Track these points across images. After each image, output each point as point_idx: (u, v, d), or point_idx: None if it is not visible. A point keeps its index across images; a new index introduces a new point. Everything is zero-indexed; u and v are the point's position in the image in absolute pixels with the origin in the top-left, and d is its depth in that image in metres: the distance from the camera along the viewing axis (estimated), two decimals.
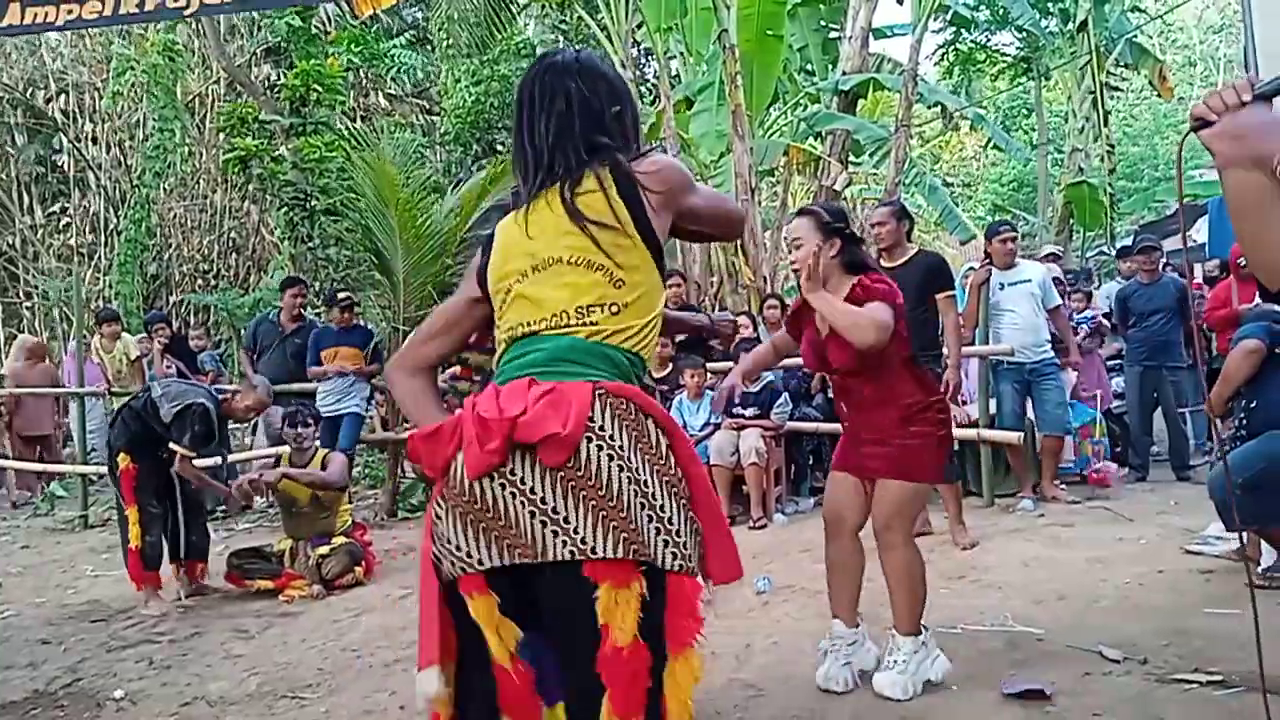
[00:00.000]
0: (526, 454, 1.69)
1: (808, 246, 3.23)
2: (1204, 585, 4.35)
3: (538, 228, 1.89)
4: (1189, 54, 31.24)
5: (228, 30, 15.00)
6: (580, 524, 1.67)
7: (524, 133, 1.96)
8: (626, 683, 1.69)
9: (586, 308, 1.82)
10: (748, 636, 4.02)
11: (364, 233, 8.57)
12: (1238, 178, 1.49)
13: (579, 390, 1.72)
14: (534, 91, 1.96)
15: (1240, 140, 1.47)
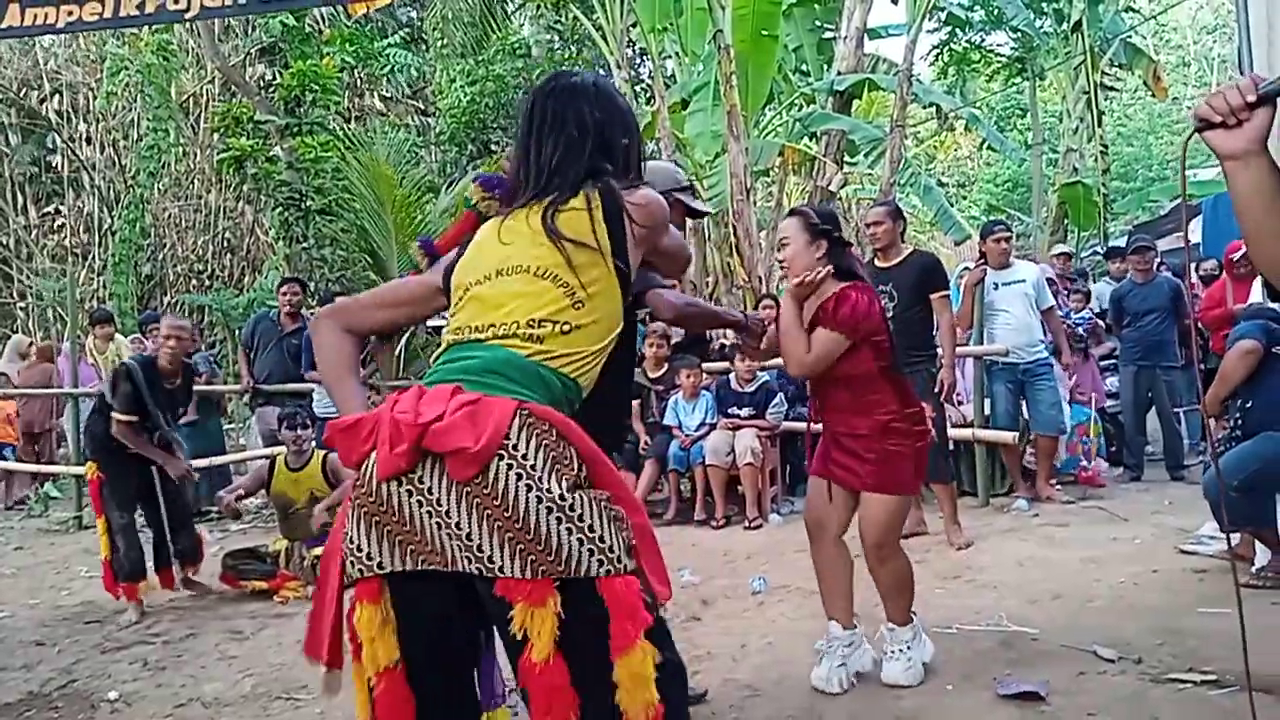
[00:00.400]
0: (436, 463, 1.63)
1: (794, 246, 3.27)
2: (1198, 585, 4.36)
3: (512, 234, 1.87)
4: (1183, 54, 31.31)
5: (222, 30, 14.98)
6: (485, 542, 1.60)
7: (530, 147, 1.94)
8: (545, 696, 1.63)
9: (538, 321, 1.77)
10: (743, 637, 4.02)
11: (359, 233, 8.57)
12: (1246, 174, 1.48)
13: (501, 406, 1.64)
14: (547, 108, 1.95)
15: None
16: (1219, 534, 4.81)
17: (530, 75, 12.52)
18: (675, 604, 4.57)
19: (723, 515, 6.52)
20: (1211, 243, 8.59)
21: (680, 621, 4.32)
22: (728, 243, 9.96)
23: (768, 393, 6.75)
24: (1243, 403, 4.26)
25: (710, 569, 5.21)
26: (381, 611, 1.69)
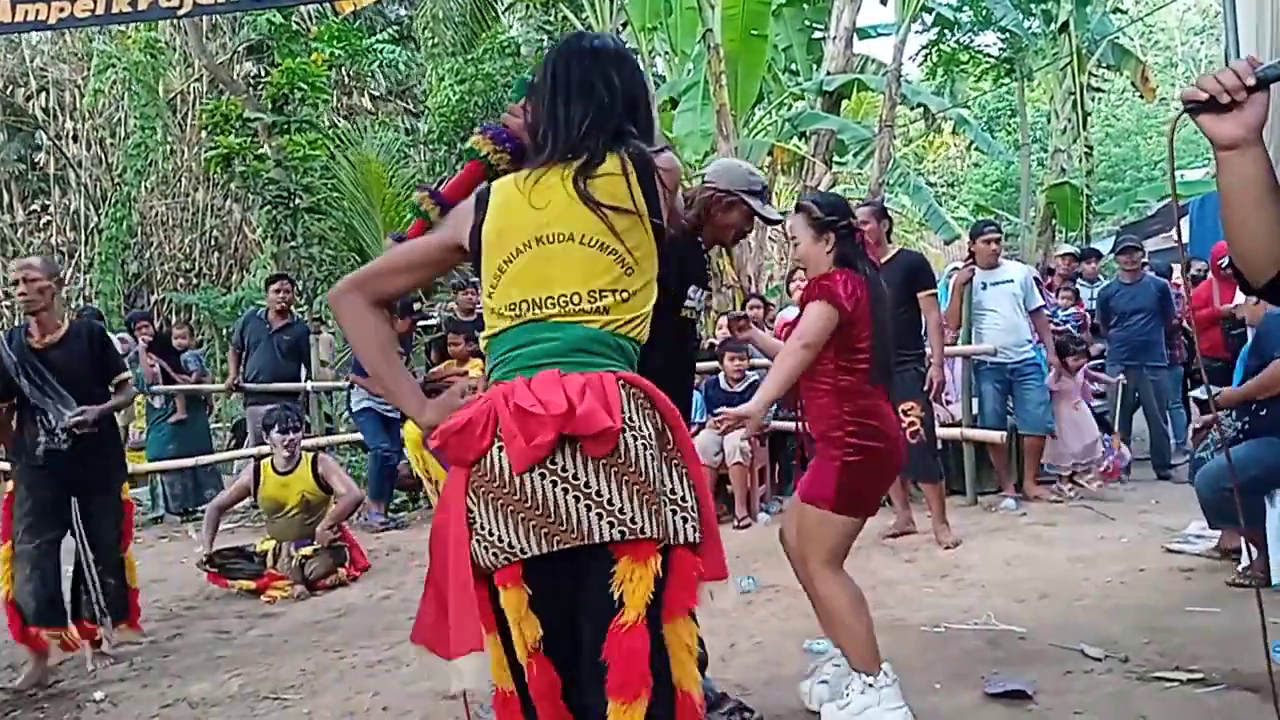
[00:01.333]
0: (568, 444, 1.72)
1: (803, 244, 3.14)
2: (1185, 584, 4.38)
3: (545, 199, 1.85)
4: (1170, 55, 31.46)
5: (209, 28, 14.90)
6: (626, 505, 1.71)
7: (556, 111, 1.91)
8: (625, 659, 1.70)
9: (599, 291, 1.82)
10: (732, 636, 4.02)
11: (347, 231, 8.54)
12: (1241, 163, 1.43)
13: (607, 381, 1.76)
14: (572, 70, 1.94)
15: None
16: (1205, 533, 4.84)
17: (520, 74, 12.48)
18: None
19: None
20: (1199, 243, 8.63)
21: None
22: None
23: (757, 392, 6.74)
24: (1256, 407, 4.22)
25: None
26: (524, 593, 1.75)
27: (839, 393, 3.02)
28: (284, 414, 5.78)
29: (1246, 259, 1.49)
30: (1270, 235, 1.44)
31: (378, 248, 8.19)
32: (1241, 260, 1.51)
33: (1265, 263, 1.46)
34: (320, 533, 5.42)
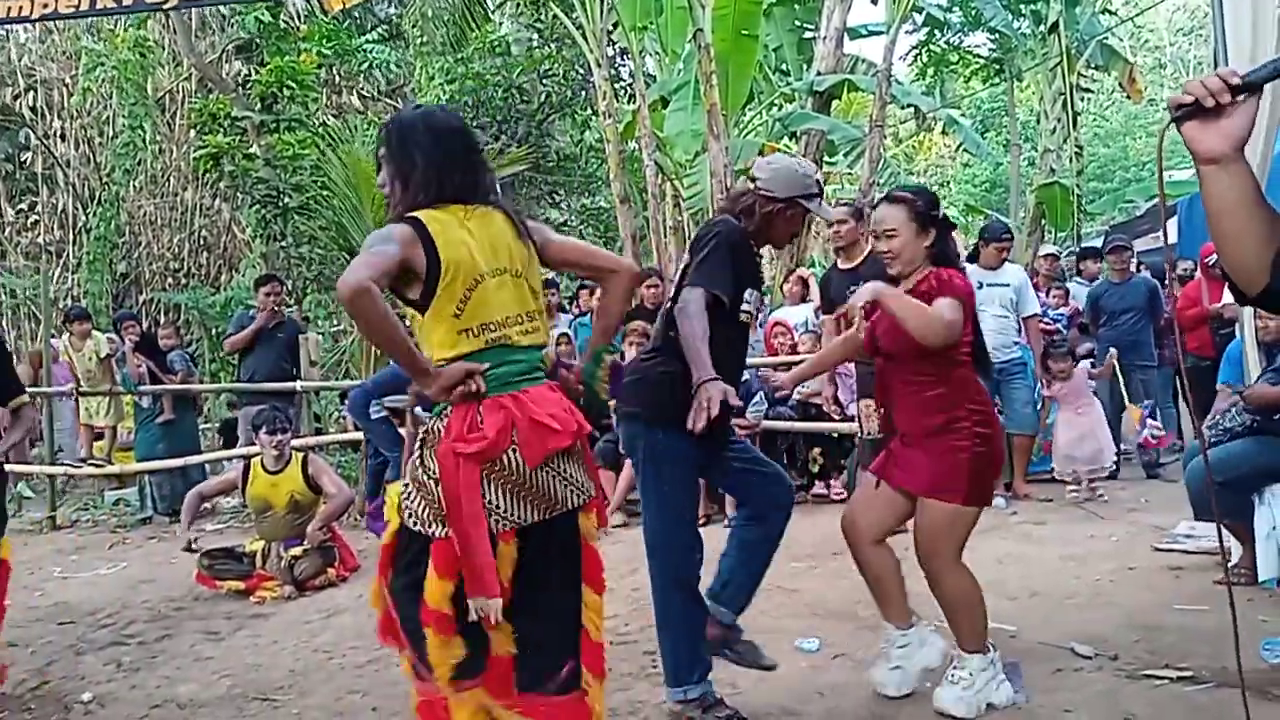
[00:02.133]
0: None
1: (903, 237, 3.08)
2: (1174, 582, 4.39)
3: (485, 233, 2.29)
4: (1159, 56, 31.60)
5: (198, 26, 14.84)
6: (582, 479, 2.40)
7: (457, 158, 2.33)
8: (595, 563, 2.51)
9: (532, 314, 2.36)
10: None
11: (338, 230, 8.50)
12: (1224, 178, 1.43)
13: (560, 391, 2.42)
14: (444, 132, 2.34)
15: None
16: (1195, 531, 4.85)
17: (510, 73, 12.47)
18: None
19: (703, 514, 6.51)
20: (1188, 243, 8.67)
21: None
22: None
23: (748, 392, 6.74)
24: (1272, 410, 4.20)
25: None
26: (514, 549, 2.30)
27: (956, 384, 3.06)
28: (272, 414, 5.76)
29: (1237, 270, 1.49)
30: (1257, 245, 1.44)
31: None
32: (1233, 271, 1.51)
33: (1255, 273, 1.46)
34: (310, 533, 5.40)
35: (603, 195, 14.35)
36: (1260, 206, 1.44)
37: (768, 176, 3.17)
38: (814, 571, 4.97)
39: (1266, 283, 1.46)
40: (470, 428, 2.21)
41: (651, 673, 3.64)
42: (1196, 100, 1.42)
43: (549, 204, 14.81)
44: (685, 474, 3.12)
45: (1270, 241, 1.43)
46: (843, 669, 3.54)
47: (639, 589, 4.83)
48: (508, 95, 12.42)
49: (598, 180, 14.18)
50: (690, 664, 3.10)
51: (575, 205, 15.09)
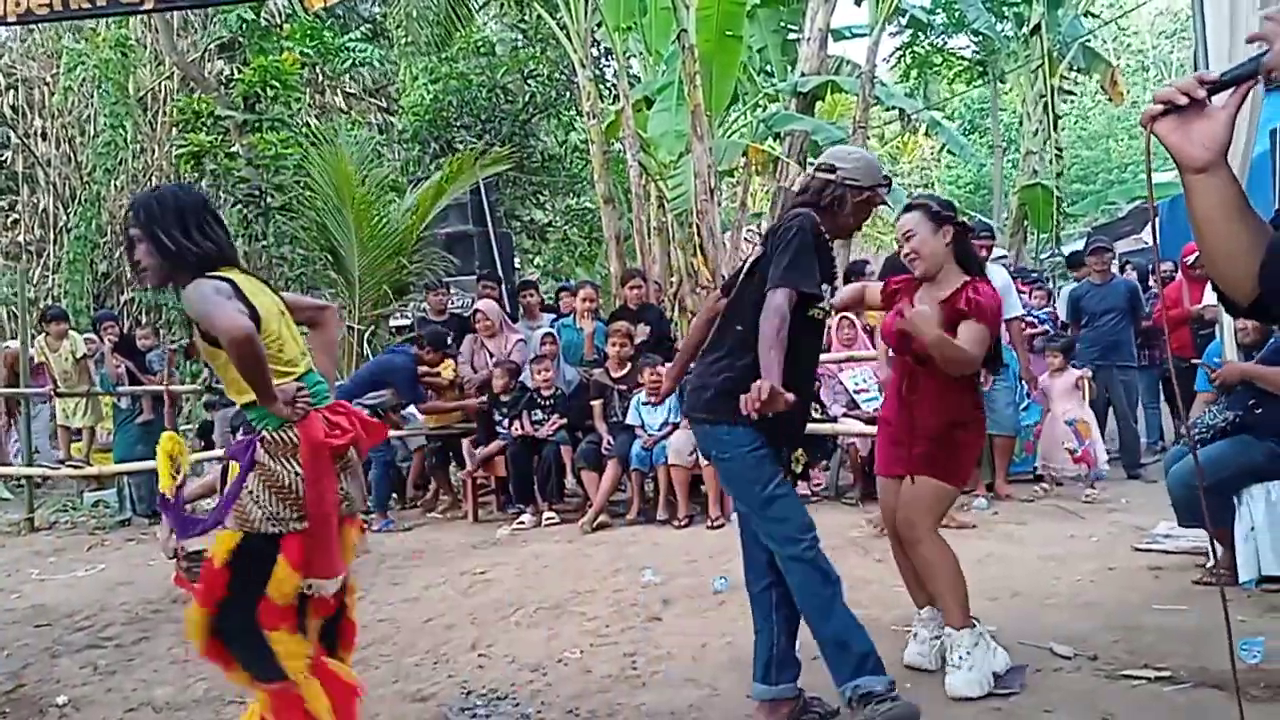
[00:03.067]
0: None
1: (921, 235, 3.31)
2: (1154, 582, 4.41)
3: (258, 286, 2.73)
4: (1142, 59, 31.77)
5: (180, 25, 14.75)
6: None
7: (219, 227, 2.73)
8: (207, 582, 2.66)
9: (305, 348, 2.83)
10: (703, 636, 4.02)
11: (320, 230, 8.46)
12: (1209, 187, 1.42)
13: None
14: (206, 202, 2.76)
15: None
16: (1175, 532, 4.87)
17: (494, 74, 12.44)
18: (636, 604, 4.57)
19: (685, 515, 6.51)
20: (1169, 244, 8.71)
21: (641, 621, 4.32)
22: (692, 243, 9.93)
23: None
24: (1254, 403, 4.21)
25: (672, 569, 5.20)
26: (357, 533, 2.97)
27: (969, 383, 3.38)
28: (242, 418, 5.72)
29: (1228, 281, 1.47)
30: (1247, 254, 1.42)
31: (350, 247, 8.13)
32: (1223, 283, 1.48)
33: (1246, 283, 1.44)
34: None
35: (587, 196, 14.33)
36: (1247, 214, 1.43)
37: (852, 166, 3.13)
38: None
39: (1257, 295, 1.43)
40: (328, 429, 2.67)
41: (631, 675, 3.63)
42: (1170, 102, 1.41)
43: (533, 204, 14.78)
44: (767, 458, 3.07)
45: (1256, 250, 1.41)
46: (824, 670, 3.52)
47: (620, 590, 4.84)
48: (492, 95, 12.39)
49: (582, 181, 14.16)
50: (842, 651, 2.93)
51: (559, 206, 15.07)
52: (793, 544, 2.94)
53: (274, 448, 2.64)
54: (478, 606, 4.78)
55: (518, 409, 7.08)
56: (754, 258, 3.08)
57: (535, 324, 8.10)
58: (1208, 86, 1.40)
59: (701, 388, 3.09)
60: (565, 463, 6.95)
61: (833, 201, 3.10)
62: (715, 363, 3.08)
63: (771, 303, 2.83)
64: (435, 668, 3.91)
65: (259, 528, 2.59)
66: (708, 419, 3.07)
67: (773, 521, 3.00)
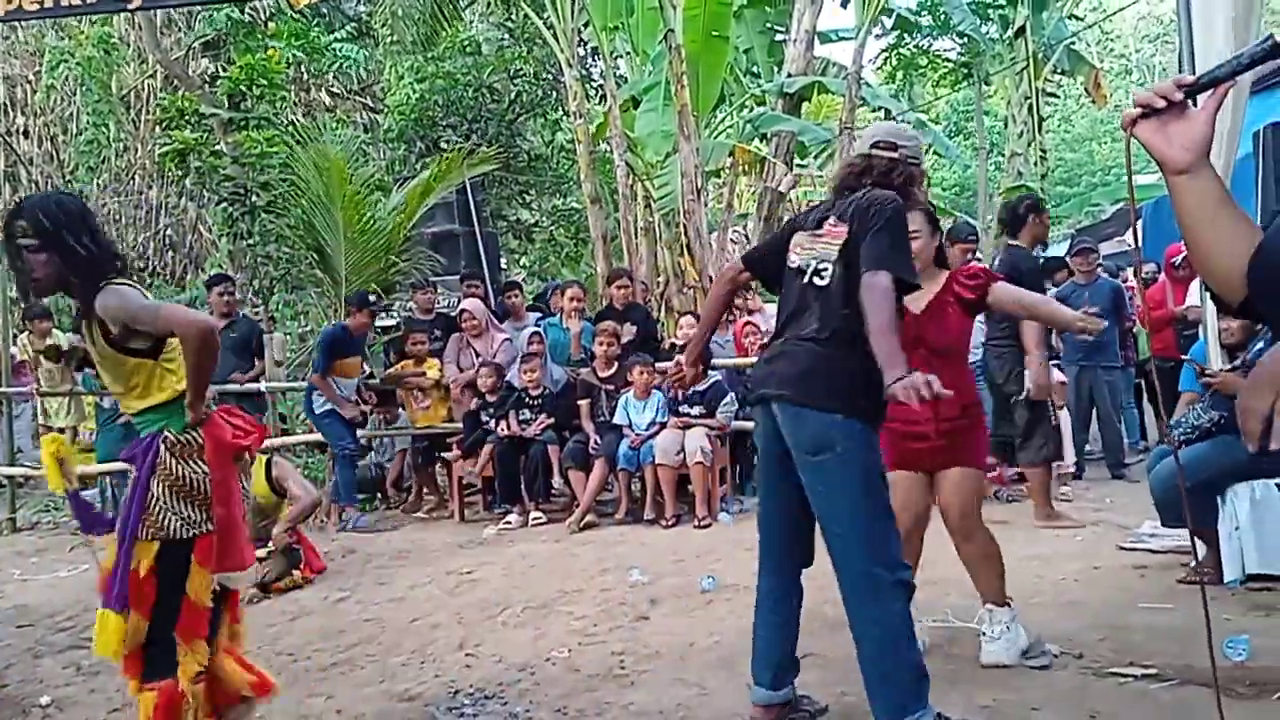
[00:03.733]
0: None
1: (923, 238, 3.44)
2: (1139, 581, 4.43)
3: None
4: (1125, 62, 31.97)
5: (164, 24, 14.65)
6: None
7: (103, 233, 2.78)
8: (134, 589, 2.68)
9: None
10: (691, 635, 4.02)
11: (306, 229, 8.41)
12: (1191, 186, 1.43)
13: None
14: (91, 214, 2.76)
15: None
16: (1159, 531, 4.90)
17: (480, 73, 12.42)
18: (624, 603, 4.56)
19: (672, 514, 6.51)
20: (1151, 245, 8.77)
21: (629, 620, 4.31)
22: (679, 242, 9.95)
23: (718, 392, 6.75)
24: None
25: (659, 568, 5.20)
26: None
27: (967, 364, 3.59)
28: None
29: (1217, 279, 1.47)
30: (1234, 252, 1.42)
31: (337, 245, 8.10)
32: (1214, 282, 1.49)
33: (1235, 281, 1.44)
34: (275, 535, 5.33)
35: (574, 196, 14.33)
36: (1232, 212, 1.44)
37: (911, 143, 3.07)
38: None
39: (1249, 292, 1.43)
40: (234, 430, 2.82)
41: (619, 674, 3.63)
42: (1149, 106, 1.43)
43: (520, 204, 14.76)
44: (881, 465, 2.87)
45: (1244, 248, 1.42)
46: (812, 668, 3.54)
47: (608, 590, 4.83)
48: (478, 95, 12.37)
49: (568, 181, 14.15)
50: (920, 681, 2.72)
51: (546, 206, 15.05)
52: (897, 568, 2.75)
53: (180, 449, 2.69)
54: (464, 606, 4.76)
55: (504, 409, 7.07)
56: (845, 240, 2.85)
57: (520, 324, 8.09)
58: (1185, 89, 1.42)
59: (809, 372, 2.80)
60: (552, 462, 6.94)
61: (905, 180, 3.00)
62: (820, 345, 2.82)
63: (878, 286, 2.66)
64: (422, 668, 3.90)
65: (175, 535, 2.66)
66: (829, 407, 2.76)
67: (875, 540, 2.75)
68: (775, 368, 2.90)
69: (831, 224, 2.90)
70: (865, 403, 2.76)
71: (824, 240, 2.90)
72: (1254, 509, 4.13)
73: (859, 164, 3.02)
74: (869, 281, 2.67)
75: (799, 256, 2.96)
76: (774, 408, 2.87)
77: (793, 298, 2.96)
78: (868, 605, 2.72)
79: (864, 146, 3.07)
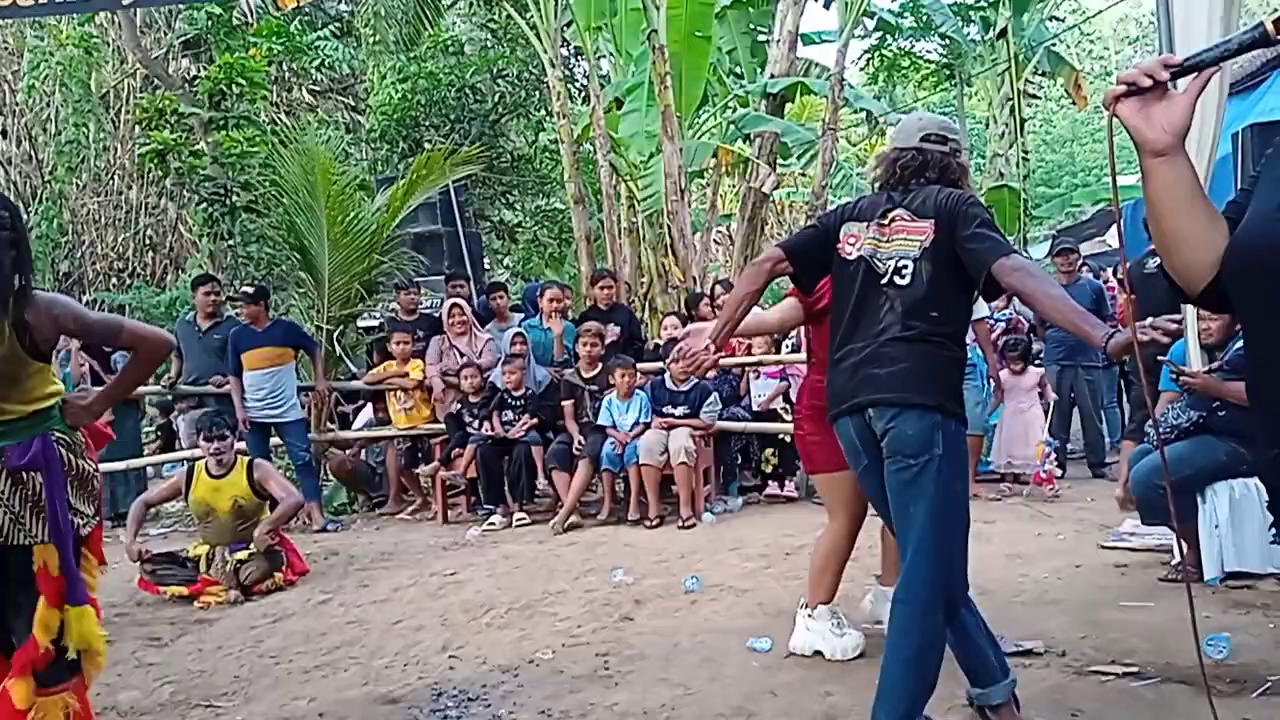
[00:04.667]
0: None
1: None
2: (1120, 579, 4.46)
3: None
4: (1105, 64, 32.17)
5: (144, 23, 14.56)
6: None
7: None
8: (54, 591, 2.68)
9: None
10: (675, 636, 4.01)
11: (289, 229, 8.36)
12: (1165, 170, 1.44)
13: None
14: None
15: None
16: (1140, 530, 4.93)
17: (463, 73, 12.38)
18: (608, 604, 4.56)
19: (656, 515, 6.51)
20: (1131, 246, 8.83)
21: (613, 621, 4.31)
22: (663, 243, 9.94)
23: (702, 392, 6.75)
24: (1218, 405, 4.24)
25: (644, 569, 5.19)
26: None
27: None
28: (211, 420, 5.63)
29: (1181, 266, 1.49)
30: (1201, 236, 1.45)
31: (320, 245, 8.05)
32: (1176, 268, 1.51)
33: (1200, 268, 1.46)
34: (257, 537, 5.30)
35: (557, 196, 14.30)
36: (1202, 202, 1.46)
37: (957, 136, 3.01)
38: (766, 571, 4.98)
39: (1210, 280, 1.46)
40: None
41: (603, 675, 3.62)
42: (1133, 84, 1.44)
43: (503, 205, 14.73)
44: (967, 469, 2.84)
45: (1213, 238, 1.44)
46: (796, 668, 3.54)
47: (592, 590, 4.82)
48: (461, 95, 12.33)
49: (551, 181, 14.12)
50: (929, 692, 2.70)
51: (530, 206, 15.02)
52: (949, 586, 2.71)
53: (74, 447, 2.79)
54: (448, 608, 4.74)
55: (488, 410, 7.05)
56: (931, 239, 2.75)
57: (505, 325, 8.07)
58: (1172, 69, 1.43)
59: (909, 372, 2.70)
60: (536, 463, 6.93)
61: (961, 174, 2.96)
62: (912, 344, 2.72)
63: (1021, 265, 2.60)
64: (405, 670, 3.88)
65: (82, 531, 2.79)
66: (931, 407, 2.68)
67: (953, 546, 2.74)
68: (867, 371, 2.76)
69: (906, 219, 2.80)
70: (958, 404, 2.75)
71: (901, 236, 2.78)
72: (1233, 508, 4.16)
73: (913, 158, 2.91)
74: (1011, 265, 2.58)
75: (858, 249, 2.84)
76: (869, 414, 2.76)
77: (857, 295, 2.82)
78: (918, 614, 2.67)
79: (910, 138, 2.95)
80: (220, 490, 5.40)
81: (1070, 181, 24.00)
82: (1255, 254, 1.37)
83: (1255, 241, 1.37)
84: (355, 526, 7.27)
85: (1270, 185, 1.41)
